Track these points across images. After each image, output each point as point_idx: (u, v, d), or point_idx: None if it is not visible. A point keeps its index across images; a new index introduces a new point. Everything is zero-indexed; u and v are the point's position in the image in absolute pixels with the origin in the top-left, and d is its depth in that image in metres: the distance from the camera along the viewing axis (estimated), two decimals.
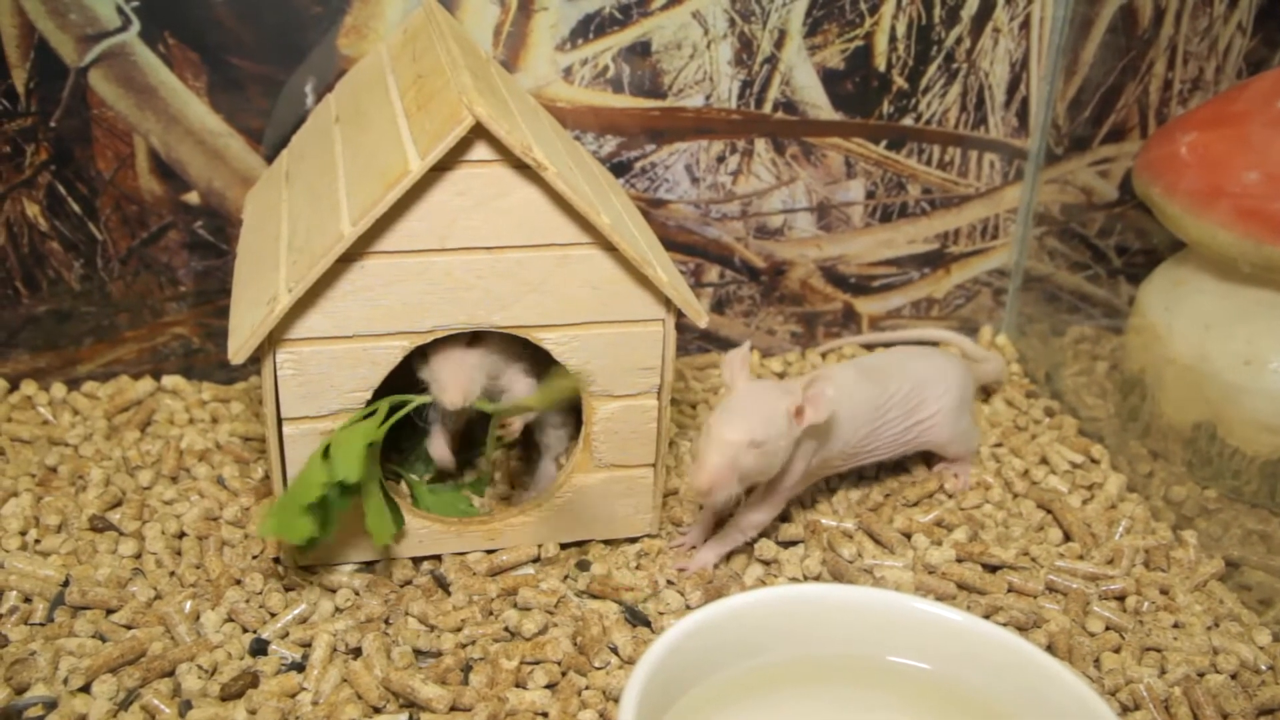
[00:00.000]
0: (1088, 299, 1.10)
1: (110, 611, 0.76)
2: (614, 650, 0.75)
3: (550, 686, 0.72)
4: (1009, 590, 0.81)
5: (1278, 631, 0.78)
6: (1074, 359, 1.08)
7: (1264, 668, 0.75)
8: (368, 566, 0.81)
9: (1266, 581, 0.83)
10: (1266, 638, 0.78)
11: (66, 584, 0.77)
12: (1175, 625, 0.79)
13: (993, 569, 0.83)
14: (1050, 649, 0.76)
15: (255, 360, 0.73)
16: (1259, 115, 0.90)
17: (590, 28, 0.94)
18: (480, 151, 0.71)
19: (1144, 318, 0.95)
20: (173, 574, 0.79)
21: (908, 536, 0.86)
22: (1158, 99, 1.05)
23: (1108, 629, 0.78)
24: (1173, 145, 0.92)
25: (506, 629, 0.76)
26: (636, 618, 0.77)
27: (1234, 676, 0.74)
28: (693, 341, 1.08)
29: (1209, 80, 1.05)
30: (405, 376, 0.78)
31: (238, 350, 0.71)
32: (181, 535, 0.82)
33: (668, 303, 0.78)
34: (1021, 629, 0.78)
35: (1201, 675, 0.74)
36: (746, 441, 0.75)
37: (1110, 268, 1.10)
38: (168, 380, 0.99)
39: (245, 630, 0.75)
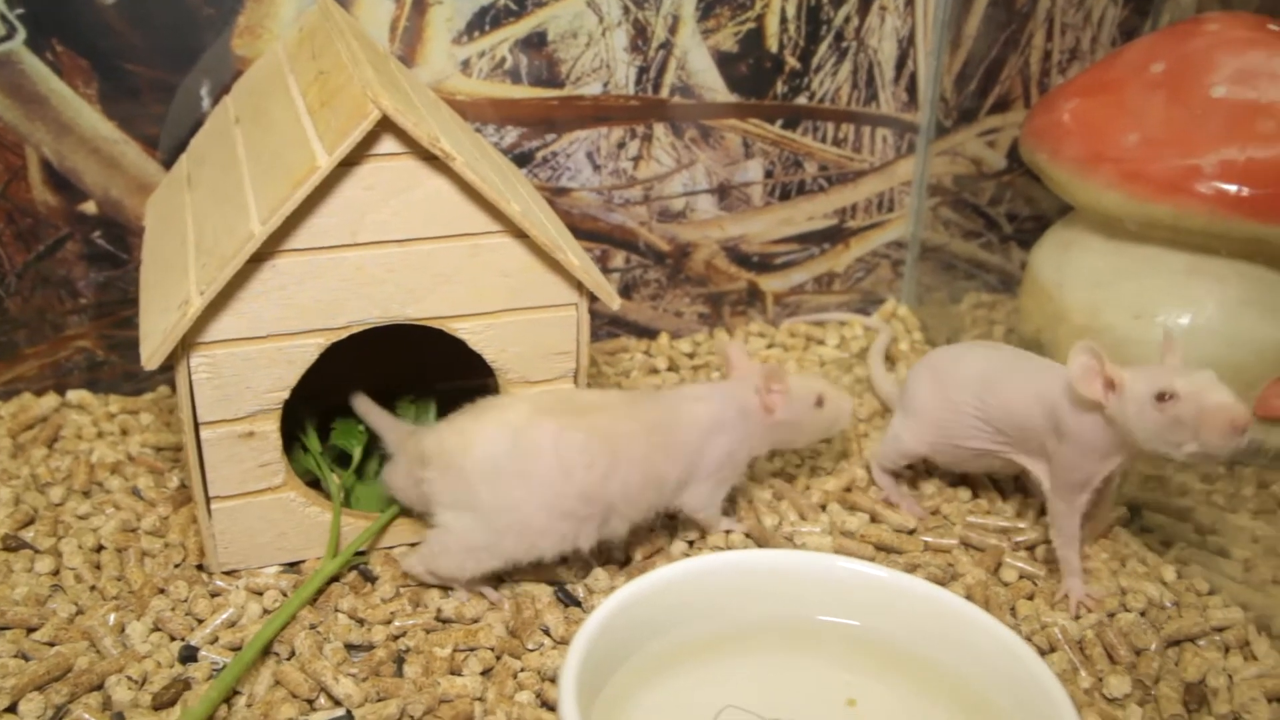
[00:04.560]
0: (982, 266, 1.14)
1: (31, 630, 0.74)
2: (546, 631, 0.75)
3: (485, 672, 0.73)
4: (925, 549, 0.84)
5: (1180, 568, 0.82)
6: (972, 324, 1.11)
7: (1169, 604, 0.79)
8: (292, 567, 0.80)
9: (1166, 524, 0.86)
10: (1171, 574, 0.81)
11: None
12: (1084, 570, 0.82)
13: (909, 531, 0.86)
14: (968, 600, 0.78)
15: (164, 370, 0.72)
16: (1134, 81, 0.93)
17: (486, 20, 0.94)
18: (387, 145, 0.71)
19: (1036, 280, 0.98)
20: (93, 588, 0.78)
21: (823, 507, 0.88)
22: (1039, 69, 1.09)
23: (1021, 578, 0.81)
24: (1056, 113, 0.96)
25: (438, 618, 0.76)
26: (568, 598, 0.78)
27: (1143, 614, 0.78)
28: (602, 327, 1.09)
29: (1085, 50, 1.09)
30: (321, 374, 0.77)
31: (151, 356, 0.71)
32: (99, 549, 0.81)
33: (580, 287, 0.79)
34: (940, 584, 0.80)
35: (1112, 616, 0.78)
36: None
37: (1002, 234, 1.13)
38: (73, 395, 0.97)
39: (173, 638, 0.74)
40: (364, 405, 0.81)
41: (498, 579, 0.79)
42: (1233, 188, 0.86)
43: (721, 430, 0.81)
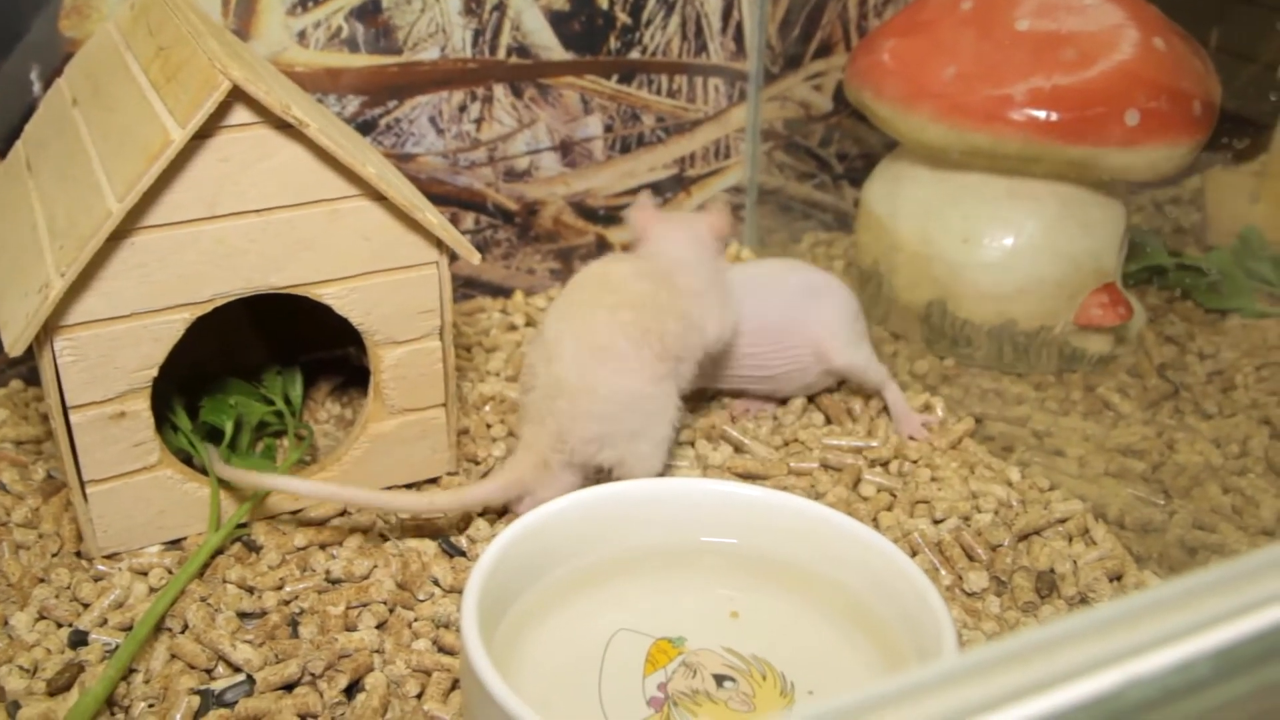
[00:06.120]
0: (818, 205, 1.19)
1: None
2: (435, 582, 0.77)
3: (380, 625, 0.74)
4: (789, 473, 0.88)
5: (1023, 469, 0.88)
6: (814, 262, 1.16)
7: (1016, 503, 0.85)
8: (174, 545, 0.80)
9: (1006, 430, 0.93)
10: (1015, 475, 0.87)
11: None
12: (934, 480, 0.88)
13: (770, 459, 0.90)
14: None
15: (16, 363, 0.72)
16: (946, 19, 0.99)
17: None
18: (240, 115, 0.71)
19: (870, 214, 1.04)
20: None
21: (691, 444, 0.92)
22: (857, 14, 1.14)
23: (879, 491, 0.86)
24: (876, 54, 1.01)
25: (327, 579, 0.77)
26: (452, 549, 0.80)
27: (995, 514, 0.84)
28: (458, 290, 1.11)
29: None
30: (189, 350, 0.77)
31: (14, 342, 0.70)
32: None
33: (440, 244, 0.80)
34: None
35: (967, 519, 0.83)
36: None
37: (834, 173, 1.19)
38: None
39: (60, 625, 0.74)
40: (483, 490, 0.82)
41: (382, 537, 0.81)
42: (1042, 113, 0.92)
43: None
